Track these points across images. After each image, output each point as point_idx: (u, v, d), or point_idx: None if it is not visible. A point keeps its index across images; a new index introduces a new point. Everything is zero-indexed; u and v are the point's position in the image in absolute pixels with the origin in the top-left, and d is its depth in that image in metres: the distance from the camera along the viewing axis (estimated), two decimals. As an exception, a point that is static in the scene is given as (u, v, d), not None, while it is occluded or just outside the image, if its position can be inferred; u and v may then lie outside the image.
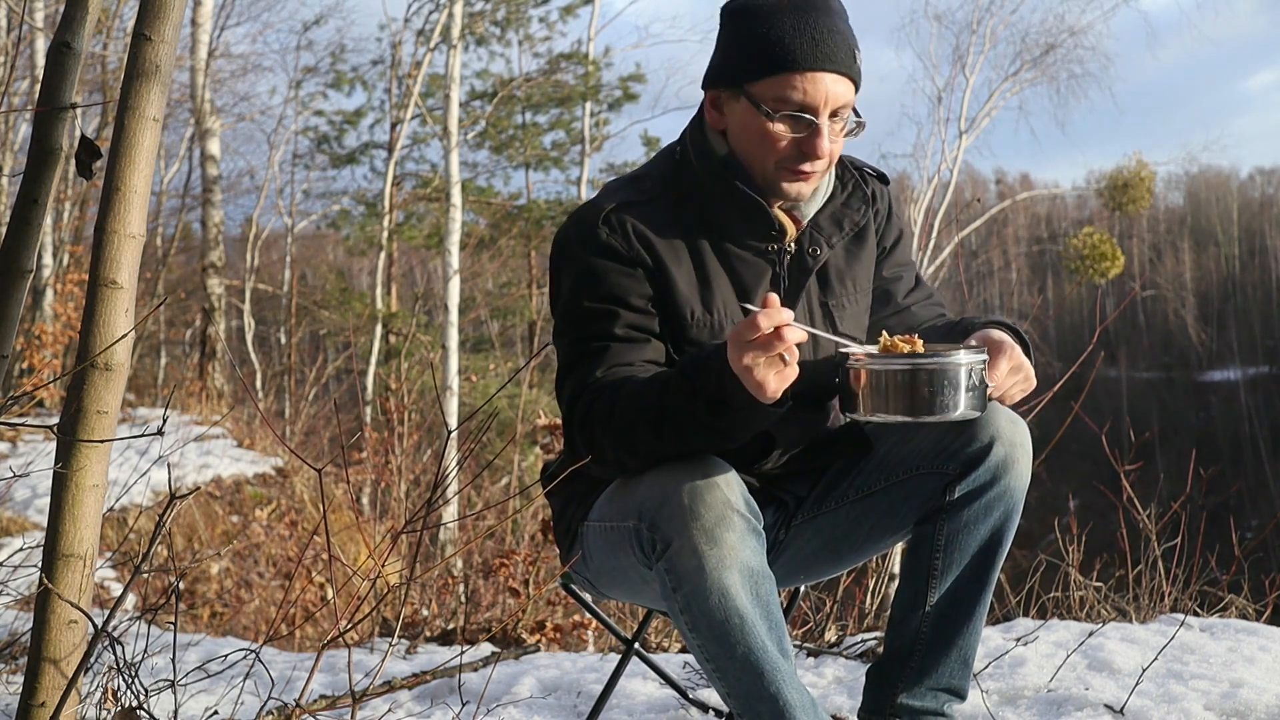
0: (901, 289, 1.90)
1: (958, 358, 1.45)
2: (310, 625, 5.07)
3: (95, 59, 12.31)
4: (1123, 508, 3.40)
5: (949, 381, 1.44)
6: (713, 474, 1.55)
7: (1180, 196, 55.10)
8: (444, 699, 2.55)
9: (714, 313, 1.72)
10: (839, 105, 1.67)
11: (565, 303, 1.74)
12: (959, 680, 1.82)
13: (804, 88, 1.64)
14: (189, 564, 6.37)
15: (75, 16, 1.59)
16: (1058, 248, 21.01)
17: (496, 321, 16.84)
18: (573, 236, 1.74)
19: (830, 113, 1.67)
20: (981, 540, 1.75)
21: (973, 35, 16.73)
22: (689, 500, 1.52)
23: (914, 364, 1.43)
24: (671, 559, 1.52)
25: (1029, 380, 1.65)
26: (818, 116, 1.66)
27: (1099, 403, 32.05)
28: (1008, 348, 1.61)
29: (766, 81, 1.66)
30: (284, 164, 16.72)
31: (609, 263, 1.70)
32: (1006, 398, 1.64)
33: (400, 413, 6.45)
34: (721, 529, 1.51)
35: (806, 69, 1.64)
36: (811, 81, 1.64)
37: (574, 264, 1.73)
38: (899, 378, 1.44)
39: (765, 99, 1.66)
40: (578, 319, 1.71)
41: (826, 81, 1.64)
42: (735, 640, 1.53)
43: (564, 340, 1.73)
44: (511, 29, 15.50)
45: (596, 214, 1.72)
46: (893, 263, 1.90)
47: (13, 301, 1.60)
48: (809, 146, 1.66)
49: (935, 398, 1.44)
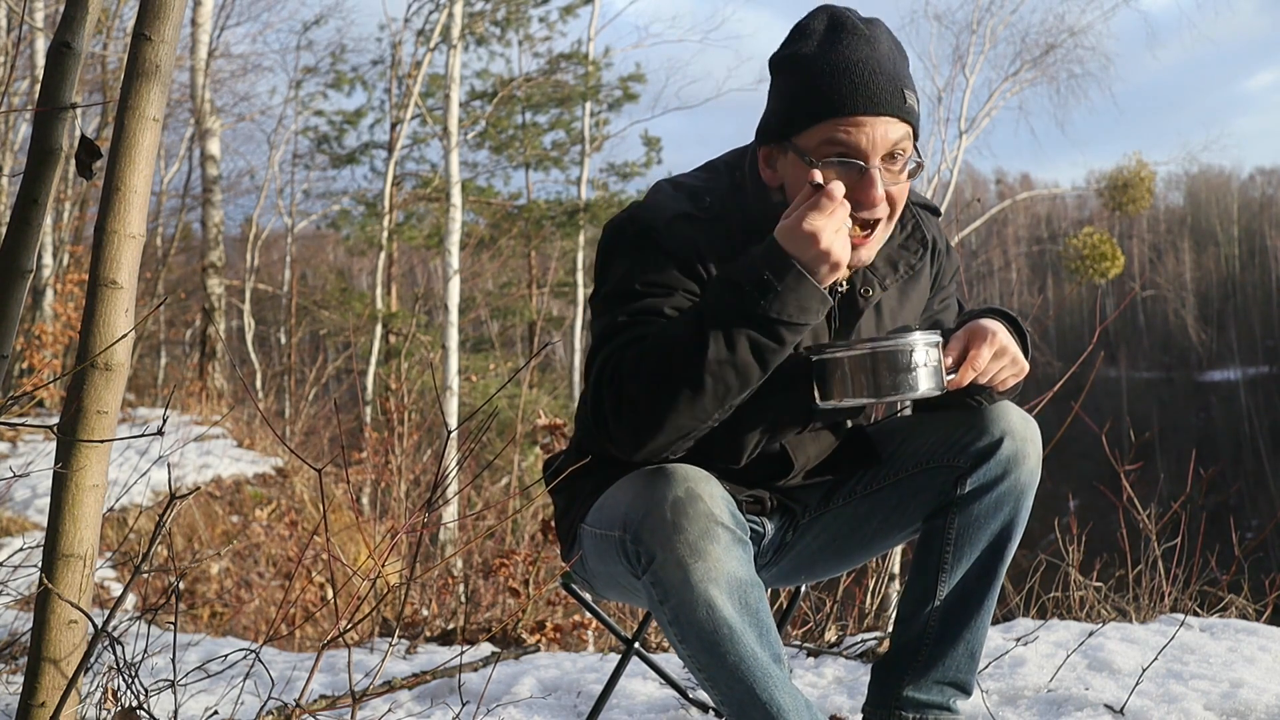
0: (949, 319, 1.89)
1: (912, 338, 1.55)
2: (310, 625, 5.07)
3: (95, 59, 12.32)
4: (1123, 508, 3.40)
5: (903, 361, 1.54)
6: (695, 487, 1.53)
7: (1180, 196, 55.17)
8: (444, 699, 2.55)
9: None
10: (892, 147, 1.58)
11: (617, 282, 1.65)
12: (965, 674, 1.83)
13: (848, 132, 1.56)
14: (189, 564, 6.37)
15: (75, 16, 1.59)
16: (1058, 248, 21.03)
17: (496, 321, 16.86)
18: (630, 228, 1.68)
19: (885, 156, 1.58)
20: (992, 534, 1.76)
21: (973, 35, 16.76)
22: (671, 514, 1.50)
23: (873, 348, 1.55)
24: (656, 572, 1.52)
25: (1017, 364, 1.65)
26: (868, 162, 1.57)
27: (1099, 403, 32.05)
28: (989, 334, 1.62)
29: (810, 132, 1.58)
30: (284, 164, 16.76)
31: (664, 258, 1.64)
32: (995, 381, 1.65)
33: (400, 413, 6.45)
34: (705, 541, 1.50)
35: (850, 114, 1.55)
36: (856, 125, 1.56)
37: (630, 252, 1.66)
38: (862, 361, 1.55)
39: (809, 148, 1.58)
40: (626, 296, 1.63)
41: (873, 125, 1.56)
42: (725, 650, 1.52)
43: (606, 316, 1.64)
44: (511, 29, 15.51)
45: (657, 219, 1.66)
46: (946, 294, 1.89)
47: (13, 301, 1.60)
48: (863, 195, 1.57)
49: (895, 377, 1.55)
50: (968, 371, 1.60)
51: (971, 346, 1.61)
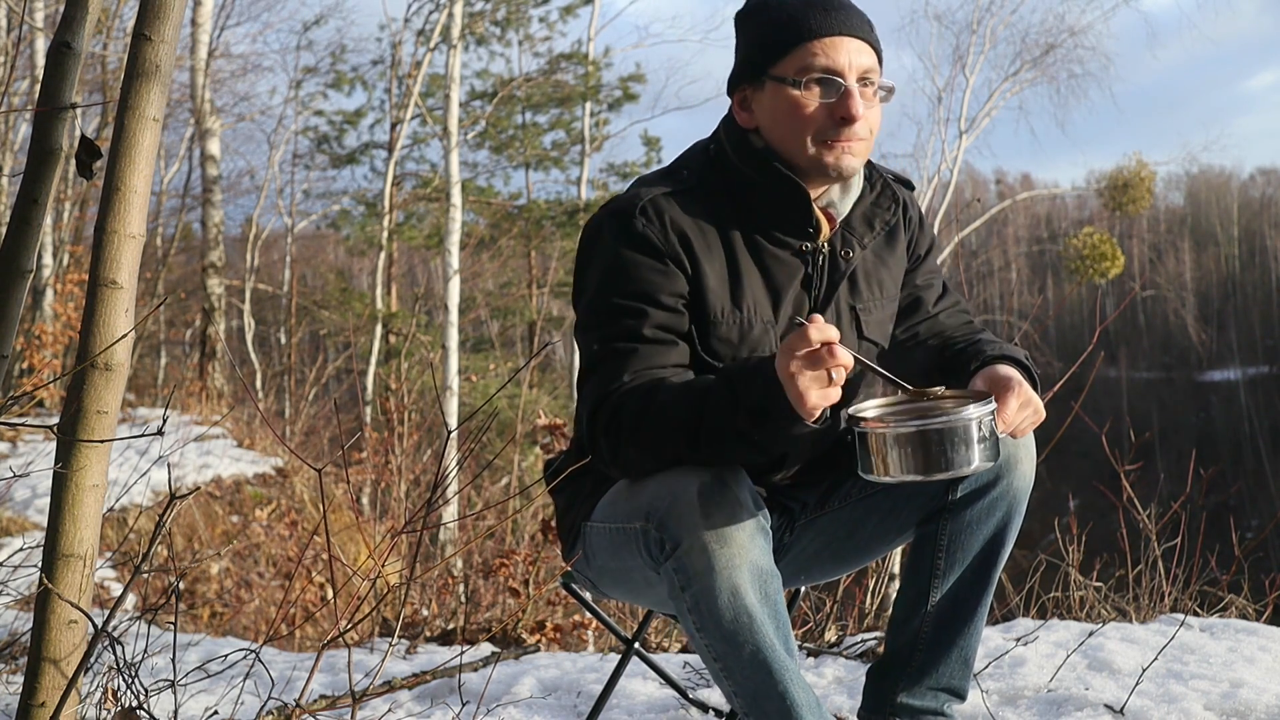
0: (931, 297, 1.89)
1: (966, 413, 1.42)
2: (310, 625, 5.06)
3: (95, 59, 12.31)
4: (1123, 508, 3.40)
5: (959, 438, 1.42)
6: (722, 474, 1.55)
7: (1180, 196, 55.13)
8: (444, 699, 2.55)
9: (743, 310, 1.69)
10: (864, 71, 1.66)
11: (592, 297, 1.69)
12: (959, 680, 1.83)
13: (825, 53, 1.64)
14: (189, 564, 6.37)
15: (75, 16, 1.59)
16: (1058, 248, 21.04)
17: (496, 321, 16.85)
18: (605, 227, 1.70)
19: (858, 79, 1.66)
20: (984, 540, 1.75)
21: (973, 35, 16.75)
22: (699, 500, 1.52)
23: (922, 426, 1.41)
24: (681, 558, 1.52)
25: (1038, 414, 1.62)
26: (845, 79, 1.64)
27: (1099, 403, 32.03)
28: (1015, 385, 1.58)
29: (787, 59, 1.66)
30: (284, 164, 16.75)
31: (641, 256, 1.66)
32: (1017, 432, 1.61)
33: (400, 413, 6.44)
34: (731, 528, 1.51)
35: (824, 35, 1.64)
36: (832, 46, 1.64)
37: (604, 256, 1.68)
38: (909, 439, 1.42)
39: (789, 74, 1.66)
40: (605, 315, 1.66)
41: (847, 46, 1.65)
42: (744, 639, 1.53)
43: (589, 336, 1.68)
44: (511, 29, 15.50)
45: (633, 205, 1.68)
46: (925, 270, 1.89)
47: (13, 301, 1.60)
48: (843, 109, 1.64)
49: (946, 455, 1.42)
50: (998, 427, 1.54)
51: (999, 400, 1.56)
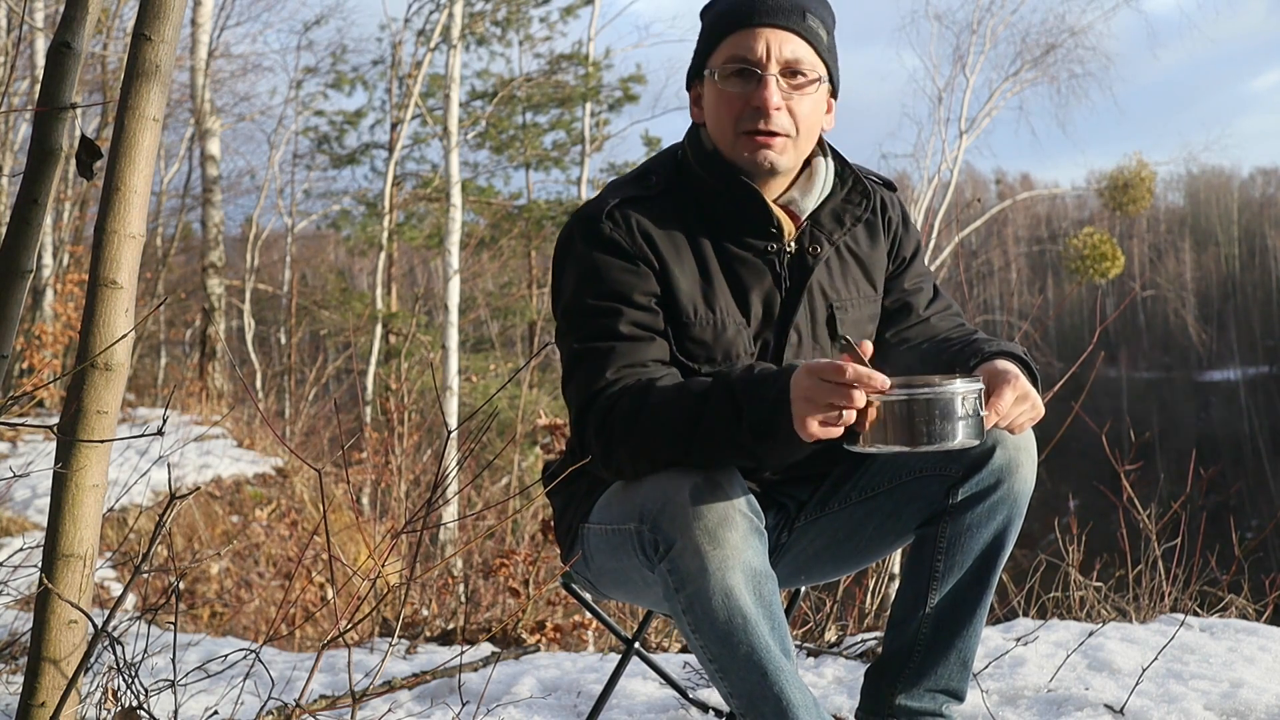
0: (922, 300, 1.88)
1: (953, 387, 1.44)
2: (310, 625, 5.06)
3: (95, 59, 12.31)
4: (1123, 508, 3.40)
5: (944, 410, 1.43)
6: (715, 475, 1.55)
7: (1180, 196, 55.14)
8: (444, 699, 2.55)
9: (716, 311, 1.71)
10: (789, 62, 1.68)
11: (568, 301, 1.72)
12: (957, 682, 1.82)
13: (745, 43, 1.68)
14: (189, 564, 6.37)
15: (75, 16, 1.59)
16: (1058, 248, 21.03)
17: (496, 321, 16.83)
18: (576, 232, 1.73)
19: (782, 70, 1.68)
20: (984, 543, 1.75)
21: (973, 35, 16.73)
22: (691, 501, 1.52)
23: (910, 394, 1.43)
24: (674, 560, 1.52)
25: (1036, 409, 1.61)
26: (762, 70, 1.67)
27: (1099, 403, 32.02)
28: (1012, 378, 1.57)
29: (716, 52, 1.72)
30: (284, 164, 16.73)
31: (612, 259, 1.69)
32: (1015, 427, 1.59)
33: (400, 413, 6.45)
34: (724, 529, 1.51)
35: (746, 26, 1.68)
36: (752, 37, 1.68)
37: (577, 261, 1.72)
38: (896, 409, 1.43)
39: (716, 66, 1.71)
40: (581, 317, 1.69)
41: (768, 36, 1.67)
42: (739, 640, 1.53)
43: (567, 339, 1.71)
44: (512, 29, 15.50)
45: (600, 209, 1.72)
46: (913, 274, 1.88)
47: (13, 301, 1.60)
48: (756, 99, 1.67)
49: (932, 427, 1.43)
50: (991, 417, 1.54)
51: (994, 392, 1.55)
